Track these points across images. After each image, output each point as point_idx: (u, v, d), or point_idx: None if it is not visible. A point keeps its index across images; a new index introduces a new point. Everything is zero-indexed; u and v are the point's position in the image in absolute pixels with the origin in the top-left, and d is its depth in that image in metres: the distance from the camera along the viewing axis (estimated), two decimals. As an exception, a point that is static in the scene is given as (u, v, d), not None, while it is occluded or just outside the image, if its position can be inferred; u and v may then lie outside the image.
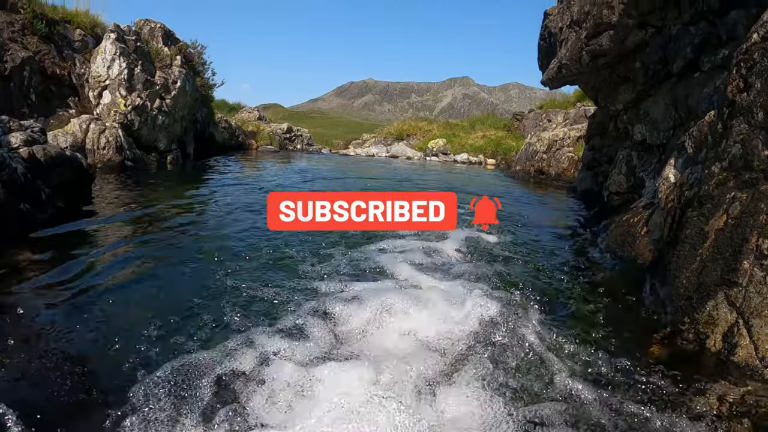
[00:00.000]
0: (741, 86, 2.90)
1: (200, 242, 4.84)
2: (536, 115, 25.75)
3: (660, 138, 5.21)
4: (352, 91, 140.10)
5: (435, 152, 25.69)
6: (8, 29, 10.31)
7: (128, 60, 11.59)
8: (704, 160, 3.33)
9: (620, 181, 6.06)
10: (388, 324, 3.13)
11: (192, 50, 14.82)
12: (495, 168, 21.35)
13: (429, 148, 26.20)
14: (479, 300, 3.48)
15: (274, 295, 3.48)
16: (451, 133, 29.29)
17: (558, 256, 5.10)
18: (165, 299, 3.43)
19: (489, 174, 16.49)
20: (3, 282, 3.48)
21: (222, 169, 12.38)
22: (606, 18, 5.17)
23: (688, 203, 3.43)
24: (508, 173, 15.29)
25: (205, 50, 15.43)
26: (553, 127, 19.08)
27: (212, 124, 18.47)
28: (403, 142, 30.50)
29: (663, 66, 5.13)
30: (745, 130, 2.82)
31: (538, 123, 22.94)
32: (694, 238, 3.09)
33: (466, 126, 31.87)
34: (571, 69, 6.29)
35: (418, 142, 29.08)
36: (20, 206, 4.54)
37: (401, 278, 4.02)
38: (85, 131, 10.32)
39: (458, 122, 34.71)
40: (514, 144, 24.03)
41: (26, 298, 3.27)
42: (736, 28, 4.22)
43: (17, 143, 4.89)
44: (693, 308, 2.92)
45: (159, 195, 7.22)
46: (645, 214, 4.49)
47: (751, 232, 2.66)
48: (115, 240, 4.78)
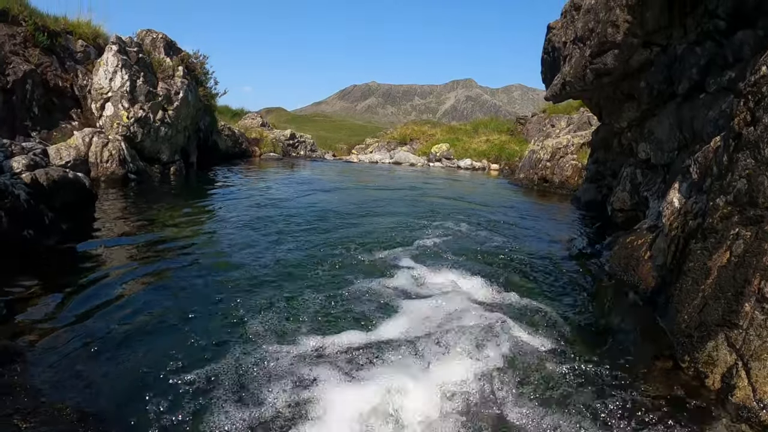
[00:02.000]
0: (748, 119, 2.86)
1: (204, 271, 4.74)
2: (539, 119, 25.73)
3: (664, 158, 5.16)
4: (355, 94, 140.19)
5: (438, 157, 25.66)
6: (10, 42, 10.34)
7: (130, 72, 11.61)
8: (709, 190, 3.28)
9: (624, 198, 6.01)
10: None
11: (194, 60, 14.83)
12: (499, 174, 21.32)
13: (432, 153, 26.17)
14: (477, 329, 3.47)
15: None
16: (455, 137, 29.27)
17: (561, 279, 5.05)
18: (166, 342, 3.31)
19: (493, 181, 16.43)
20: (9, 312, 3.46)
21: (224, 180, 12.36)
22: (611, 37, 5.12)
23: (692, 234, 3.39)
24: (511, 180, 15.22)
25: (207, 60, 15.42)
26: (557, 133, 19.03)
27: (215, 132, 18.47)
28: (407, 146, 30.52)
29: (668, 86, 5.08)
30: (751, 165, 2.78)
31: (542, 128, 22.91)
32: (697, 272, 3.06)
33: (469, 130, 31.86)
34: (575, 86, 6.25)
35: (422, 147, 29.07)
36: (24, 233, 4.52)
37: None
38: (88, 144, 10.32)
39: (461, 126, 34.71)
40: (518, 148, 24.00)
41: (30, 331, 3.23)
42: (742, 50, 4.17)
43: (19, 168, 4.89)
44: (694, 347, 2.90)
45: (162, 215, 7.18)
46: (649, 238, 4.45)
47: (753, 274, 2.62)
48: (120, 268, 4.65)
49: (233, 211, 7.75)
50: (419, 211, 8.73)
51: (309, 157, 25.13)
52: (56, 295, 3.86)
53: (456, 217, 8.22)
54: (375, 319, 3.76)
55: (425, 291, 4.41)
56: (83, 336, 3.25)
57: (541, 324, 3.86)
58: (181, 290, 4.21)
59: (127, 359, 3.03)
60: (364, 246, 5.85)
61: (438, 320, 3.76)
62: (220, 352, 3.17)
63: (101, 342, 3.21)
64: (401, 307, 4.00)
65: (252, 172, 14.90)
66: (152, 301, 3.93)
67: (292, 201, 9.21)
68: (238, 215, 7.44)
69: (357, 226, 7.10)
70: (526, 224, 8.01)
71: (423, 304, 4.07)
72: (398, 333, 3.53)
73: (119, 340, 3.27)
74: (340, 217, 7.85)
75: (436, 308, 3.97)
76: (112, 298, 3.93)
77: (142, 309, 3.78)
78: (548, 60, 7.72)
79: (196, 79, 14.62)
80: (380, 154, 25.05)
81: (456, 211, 8.93)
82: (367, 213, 8.31)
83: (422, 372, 3.00)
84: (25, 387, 2.59)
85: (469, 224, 7.59)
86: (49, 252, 4.77)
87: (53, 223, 4.98)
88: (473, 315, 3.87)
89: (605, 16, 5.16)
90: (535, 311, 4.10)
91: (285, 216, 7.58)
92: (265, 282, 4.50)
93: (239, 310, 3.82)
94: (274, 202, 8.83)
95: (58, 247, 4.92)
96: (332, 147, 38.17)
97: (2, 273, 4.06)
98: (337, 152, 33.51)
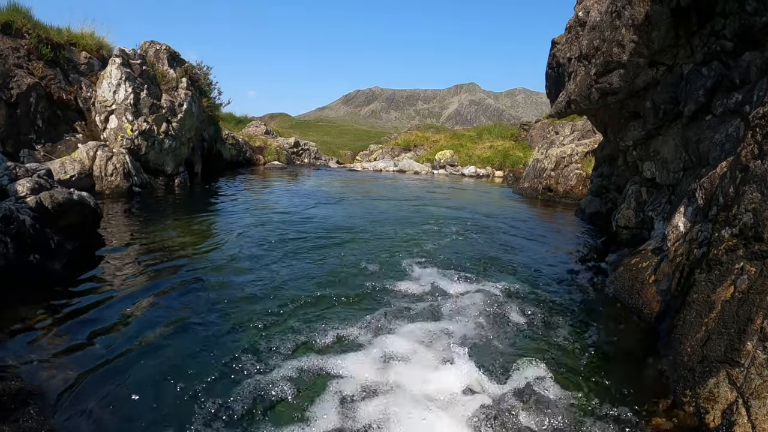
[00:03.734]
0: (756, 152, 2.83)
1: (211, 294, 4.71)
2: (543, 125, 25.69)
3: (670, 179, 5.12)
4: (358, 99, 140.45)
5: (442, 164, 25.66)
6: (13, 55, 10.36)
7: (134, 84, 11.65)
8: (714, 220, 3.25)
9: (629, 215, 5.98)
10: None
11: (198, 71, 14.87)
12: (503, 181, 21.29)
13: (436, 160, 26.17)
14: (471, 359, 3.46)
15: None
16: (458, 144, 29.28)
17: (564, 298, 5.01)
18: (171, 377, 3.30)
19: (497, 190, 16.39)
20: (16, 342, 3.46)
21: (228, 193, 12.35)
22: (616, 57, 5.09)
23: (697, 263, 3.37)
24: (516, 190, 15.17)
25: (210, 70, 15.47)
26: (561, 140, 19.00)
27: (219, 141, 18.51)
28: (410, 153, 30.55)
29: (674, 106, 5.03)
30: (757, 200, 2.75)
31: (545, 135, 22.86)
32: (701, 304, 3.04)
33: (473, 136, 31.86)
34: (580, 105, 6.22)
35: (426, 153, 29.09)
36: (30, 258, 4.52)
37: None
38: (92, 158, 10.36)
39: (465, 132, 34.70)
40: (522, 155, 24.00)
41: (44, 368, 3.20)
42: (749, 71, 4.13)
43: (24, 191, 4.90)
44: (696, 382, 2.87)
45: (166, 232, 7.18)
46: (653, 261, 4.42)
47: (756, 312, 2.59)
48: (126, 293, 4.61)
49: (237, 228, 7.73)
50: (421, 226, 8.72)
51: (313, 164, 25.15)
52: (65, 325, 3.83)
53: (458, 230, 8.21)
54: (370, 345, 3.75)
55: (419, 317, 4.39)
56: (97, 373, 3.23)
57: (540, 349, 3.84)
58: (191, 315, 4.20)
59: (142, 395, 3.01)
60: (370, 262, 5.91)
61: (442, 346, 3.76)
62: (235, 379, 3.18)
63: (114, 375, 3.19)
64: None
65: (256, 183, 14.90)
66: (159, 328, 3.91)
67: (296, 215, 9.19)
68: (242, 231, 7.43)
69: (362, 242, 7.09)
70: (530, 238, 7.98)
71: (408, 336, 4.05)
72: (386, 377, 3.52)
73: (132, 371, 3.26)
74: (345, 231, 7.86)
75: (431, 334, 3.95)
76: (120, 326, 3.90)
77: (152, 339, 3.76)
78: (552, 75, 7.69)
79: (200, 90, 14.66)
80: (384, 162, 25.04)
81: (459, 223, 8.91)
82: (373, 227, 8.30)
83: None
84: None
85: (473, 239, 7.57)
86: (55, 276, 4.74)
87: (59, 246, 4.98)
88: (471, 335, 3.86)
89: (611, 35, 5.14)
90: (536, 335, 4.08)
91: (290, 231, 7.57)
92: (275, 304, 4.49)
93: (248, 334, 3.83)
94: (279, 217, 8.80)
95: (64, 271, 4.90)
96: (336, 153, 38.23)
97: (10, 301, 4.05)
98: (341, 158, 33.56)
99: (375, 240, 7.28)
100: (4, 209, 4.38)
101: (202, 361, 3.47)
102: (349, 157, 36.45)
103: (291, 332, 3.90)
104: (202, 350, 3.61)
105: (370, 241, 7.24)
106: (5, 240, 4.25)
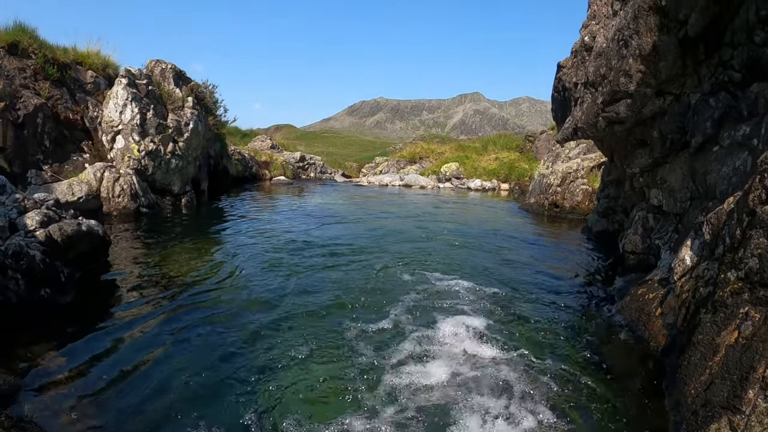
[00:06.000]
0: (763, 197, 2.83)
1: (219, 326, 4.73)
2: (548, 136, 25.69)
3: (677, 208, 5.10)
4: (363, 109, 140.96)
5: (448, 177, 25.68)
6: (20, 75, 10.46)
7: (140, 105, 11.75)
8: (721, 260, 3.25)
9: (636, 241, 5.96)
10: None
11: (204, 89, 14.99)
12: (509, 194, 21.28)
13: (442, 173, 26.20)
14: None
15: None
16: (464, 155, 29.33)
17: (572, 328, 4.98)
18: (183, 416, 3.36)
19: (503, 206, 16.37)
20: (32, 386, 3.49)
21: (235, 212, 12.35)
22: (623, 86, 5.09)
23: (702, 302, 3.38)
24: (522, 206, 15.14)
25: (216, 89, 15.59)
26: (566, 153, 18.98)
27: (225, 157, 18.61)
28: (416, 165, 30.62)
29: (681, 135, 5.01)
30: (763, 245, 2.75)
31: (551, 147, 22.85)
32: (705, 347, 3.04)
33: (478, 147, 31.89)
34: (586, 132, 6.23)
35: (431, 166, 29.13)
36: (41, 293, 4.55)
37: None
38: (99, 179, 10.44)
39: (470, 144, 34.71)
40: (527, 167, 24.00)
41: (56, 409, 3.24)
42: (757, 103, 4.11)
43: (33, 225, 4.95)
44: (698, 426, 2.85)
45: (174, 257, 7.21)
46: (660, 293, 4.41)
47: (759, 361, 2.58)
48: (135, 324, 4.65)
49: (245, 251, 7.78)
50: (425, 251, 8.72)
51: (319, 179, 25.22)
52: (79, 365, 3.86)
53: (465, 251, 8.23)
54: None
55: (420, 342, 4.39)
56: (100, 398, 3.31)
57: (541, 381, 3.83)
58: (200, 345, 4.28)
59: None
60: (377, 288, 6.01)
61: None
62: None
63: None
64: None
65: (262, 201, 14.95)
66: (171, 362, 3.97)
67: (302, 235, 9.22)
68: (250, 255, 7.49)
69: (369, 266, 7.12)
70: (537, 259, 7.97)
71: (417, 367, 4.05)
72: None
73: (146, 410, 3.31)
74: (353, 253, 7.93)
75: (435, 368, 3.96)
76: (137, 368, 3.91)
77: (163, 373, 3.82)
78: (558, 98, 7.70)
79: (206, 108, 14.76)
80: (390, 176, 25.06)
81: (465, 242, 8.93)
82: (379, 248, 8.35)
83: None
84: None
85: (480, 260, 7.57)
86: (65, 309, 4.77)
87: (69, 278, 5.02)
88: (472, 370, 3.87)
89: (617, 64, 5.14)
90: (539, 366, 4.08)
91: (297, 254, 7.61)
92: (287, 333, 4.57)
93: (260, 368, 3.91)
94: (286, 239, 8.82)
95: (74, 302, 4.93)
96: (342, 165, 38.33)
97: (22, 339, 4.07)
98: (346, 170, 33.68)
99: (379, 265, 7.30)
100: (14, 245, 4.42)
101: (228, 407, 3.48)
102: (355, 169, 36.55)
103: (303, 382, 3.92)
104: (225, 393, 3.63)
105: (377, 262, 7.31)
106: (16, 277, 4.30)
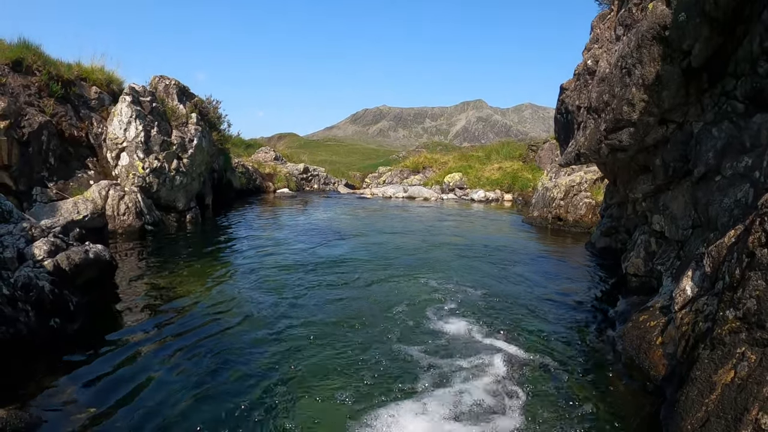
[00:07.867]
0: (763, 240, 2.87)
1: (226, 352, 4.78)
2: (551, 146, 25.73)
3: (679, 235, 5.13)
4: (366, 117, 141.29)
5: (452, 187, 25.75)
6: (24, 93, 10.51)
7: (144, 122, 11.83)
8: (720, 298, 3.28)
9: (638, 264, 5.99)
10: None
11: (207, 105, 15.10)
12: (512, 205, 21.32)
13: (445, 183, 26.28)
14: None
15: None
16: (467, 165, 29.42)
17: (572, 352, 5.01)
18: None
19: (507, 218, 16.39)
20: (42, 413, 3.54)
21: (239, 229, 12.32)
22: (626, 115, 5.13)
23: (702, 337, 3.43)
24: (526, 219, 15.15)
25: (220, 104, 15.70)
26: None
27: (229, 170, 18.73)
28: (419, 175, 30.72)
29: (684, 164, 5.04)
30: (762, 287, 2.79)
31: (554, 158, 22.91)
32: (703, 383, 3.07)
33: (481, 156, 32.00)
34: (589, 158, 6.29)
35: (434, 175, 29.23)
36: (51, 323, 4.60)
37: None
38: (104, 198, 10.52)
39: (474, 152, 34.79)
40: (530, 177, 24.07)
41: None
42: (759, 135, 4.12)
43: (41, 255, 5.01)
44: (694, 464, 2.89)
45: (180, 277, 7.28)
46: (661, 321, 4.45)
47: (753, 403, 2.62)
48: (146, 355, 4.69)
49: (250, 271, 7.83)
50: (428, 269, 8.77)
51: (322, 191, 25.33)
52: (90, 397, 3.90)
53: (467, 268, 8.27)
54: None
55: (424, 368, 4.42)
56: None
57: (543, 411, 3.84)
58: (210, 379, 4.29)
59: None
60: (384, 311, 6.06)
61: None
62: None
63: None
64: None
65: (267, 217, 14.98)
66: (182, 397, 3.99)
67: (307, 255, 9.25)
68: (255, 276, 7.53)
69: (374, 285, 7.19)
70: (541, 276, 7.99)
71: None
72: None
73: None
74: (359, 271, 8.03)
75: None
76: (143, 388, 4.00)
77: (176, 398, 3.89)
78: (561, 120, 7.75)
79: (210, 124, 14.86)
80: (393, 188, 25.12)
81: (468, 258, 8.98)
82: (384, 265, 8.45)
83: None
84: None
85: (481, 279, 7.60)
86: (74, 338, 4.81)
87: (77, 306, 5.06)
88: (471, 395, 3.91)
89: (620, 92, 5.19)
90: (539, 392, 4.12)
91: (303, 276, 7.64)
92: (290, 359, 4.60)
93: (269, 395, 3.97)
94: (292, 260, 8.83)
95: (82, 329, 4.97)
96: (345, 174, 38.46)
97: (32, 370, 4.13)
98: (350, 180, 33.81)
99: (386, 279, 7.36)
100: (23, 277, 4.49)
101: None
102: (359, 178, 36.67)
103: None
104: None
105: (382, 281, 7.37)
106: (26, 308, 4.36)
